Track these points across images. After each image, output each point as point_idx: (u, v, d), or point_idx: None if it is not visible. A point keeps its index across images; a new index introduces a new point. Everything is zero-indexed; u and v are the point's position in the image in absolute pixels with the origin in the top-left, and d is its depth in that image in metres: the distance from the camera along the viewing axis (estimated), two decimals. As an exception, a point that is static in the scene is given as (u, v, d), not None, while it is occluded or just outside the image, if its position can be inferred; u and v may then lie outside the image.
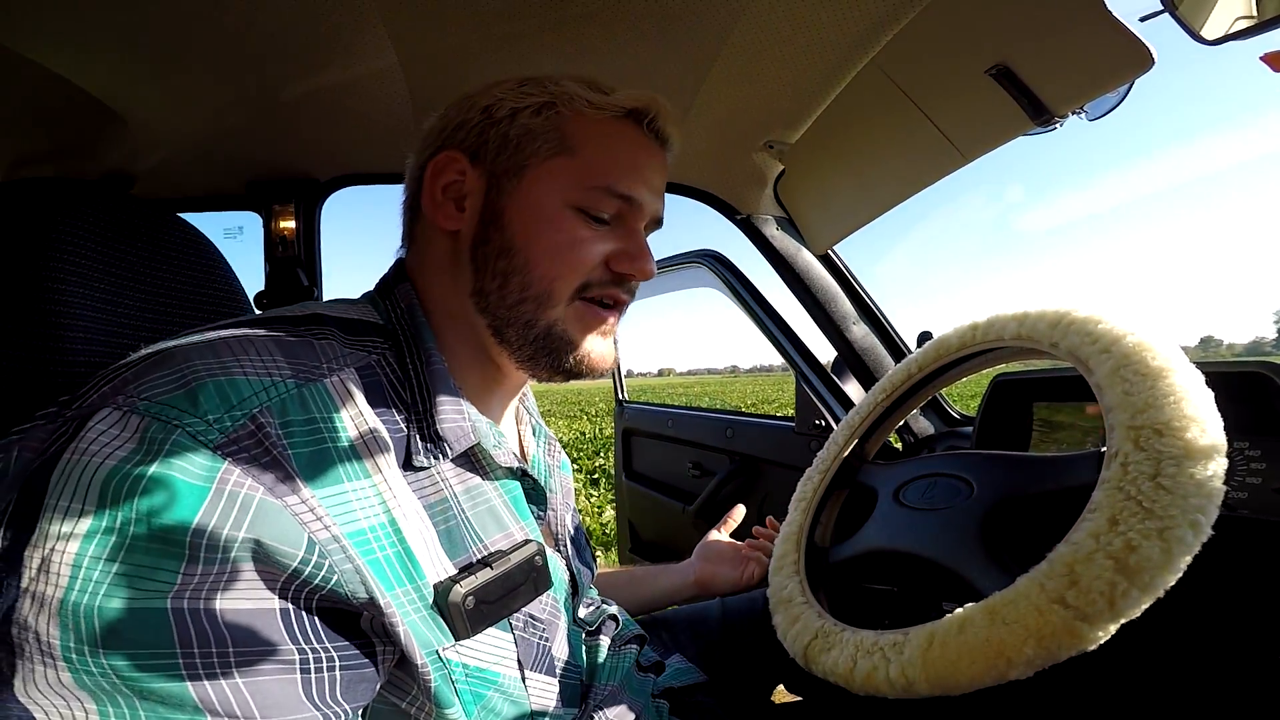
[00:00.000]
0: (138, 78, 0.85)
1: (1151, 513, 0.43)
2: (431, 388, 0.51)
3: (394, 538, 0.44)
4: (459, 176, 0.56)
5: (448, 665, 0.46)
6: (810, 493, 0.79)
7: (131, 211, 0.62)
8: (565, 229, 0.54)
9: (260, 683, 0.37)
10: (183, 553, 0.35)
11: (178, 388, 0.39)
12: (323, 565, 0.39)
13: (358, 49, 0.83)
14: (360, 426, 0.45)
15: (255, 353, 0.43)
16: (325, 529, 0.40)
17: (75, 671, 0.33)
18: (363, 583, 0.41)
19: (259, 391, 0.41)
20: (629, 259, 0.56)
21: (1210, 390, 0.48)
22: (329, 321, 0.51)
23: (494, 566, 0.50)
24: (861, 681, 0.53)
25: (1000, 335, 0.65)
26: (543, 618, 0.55)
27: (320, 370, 0.45)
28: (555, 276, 0.54)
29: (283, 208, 1.23)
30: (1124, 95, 0.80)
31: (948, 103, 0.90)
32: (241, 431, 0.39)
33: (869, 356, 1.38)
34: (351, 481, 0.43)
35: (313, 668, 0.39)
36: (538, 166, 0.55)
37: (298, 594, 0.39)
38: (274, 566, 0.37)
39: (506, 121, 0.55)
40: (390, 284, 0.58)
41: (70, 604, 0.33)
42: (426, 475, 0.50)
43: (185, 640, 0.34)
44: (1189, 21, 0.59)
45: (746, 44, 0.83)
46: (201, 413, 0.38)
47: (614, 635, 0.71)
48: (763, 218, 1.37)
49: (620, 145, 0.57)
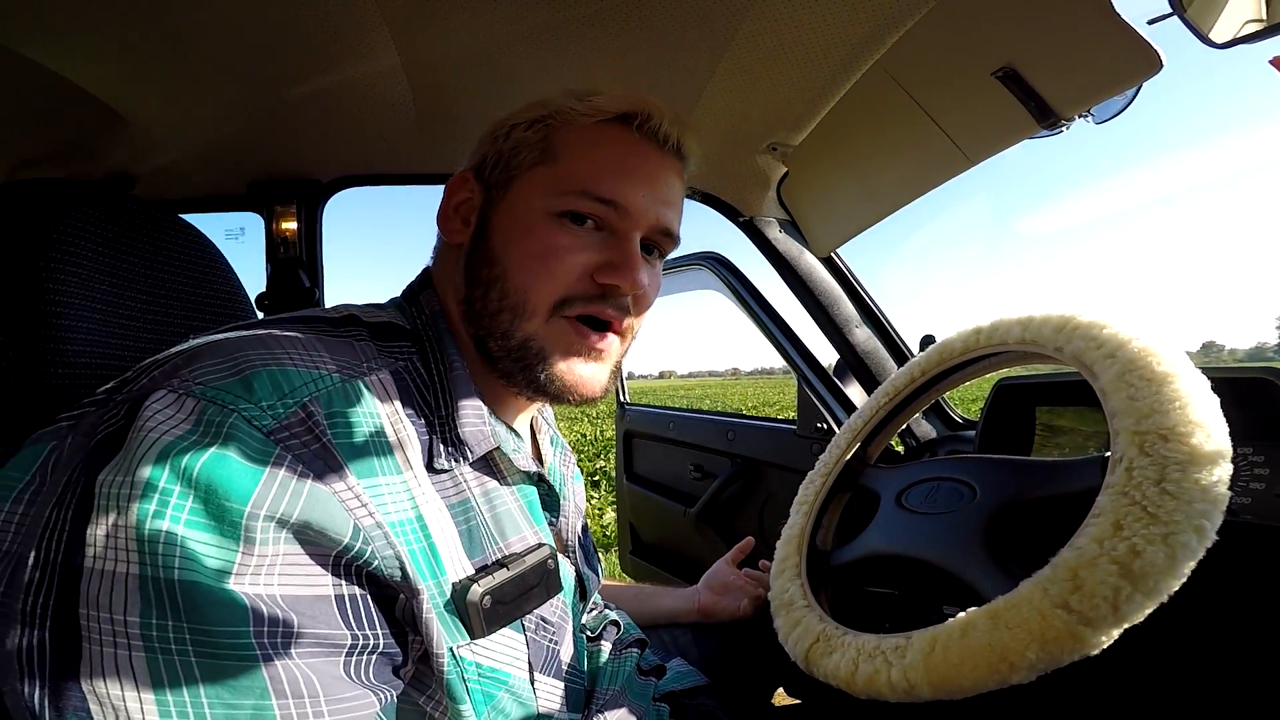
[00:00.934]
0: (139, 79, 0.85)
1: (1156, 518, 0.43)
2: (454, 392, 0.53)
3: (420, 533, 0.45)
4: (469, 195, 0.58)
5: (461, 664, 0.46)
6: (812, 496, 0.78)
7: (133, 212, 0.62)
8: (540, 236, 0.53)
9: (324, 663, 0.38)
10: (240, 533, 0.35)
11: (232, 374, 0.40)
12: (365, 551, 0.40)
13: (360, 50, 0.83)
14: (395, 424, 0.47)
15: (303, 347, 0.45)
16: (370, 515, 0.41)
17: (152, 652, 0.33)
18: (402, 569, 0.42)
19: (309, 382, 0.43)
20: (611, 269, 0.53)
21: (1215, 396, 0.48)
22: (363, 324, 0.53)
23: (510, 568, 0.50)
24: (863, 685, 0.53)
25: (1004, 339, 0.65)
26: (553, 620, 0.56)
27: (361, 369, 0.47)
28: (529, 285, 0.53)
29: (284, 209, 1.23)
30: (1131, 98, 0.80)
31: (953, 105, 0.90)
32: (293, 419, 0.40)
33: (871, 360, 1.37)
34: (386, 475, 0.44)
35: (358, 651, 0.40)
36: (522, 176, 0.55)
37: (348, 576, 0.41)
38: (324, 548, 0.39)
39: (504, 138, 0.57)
40: (416, 292, 0.60)
41: (148, 579, 0.33)
42: (449, 476, 0.51)
43: (258, 619, 0.35)
44: (1197, 24, 0.58)
45: (751, 46, 0.83)
46: (256, 399, 0.39)
47: (615, 640, 0.72)
48: (765, 220, 1.36)
49: (604, 149, 0.55)
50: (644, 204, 0.55)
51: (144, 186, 1.14)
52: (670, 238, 0.59)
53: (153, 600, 0.33)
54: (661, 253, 0.60)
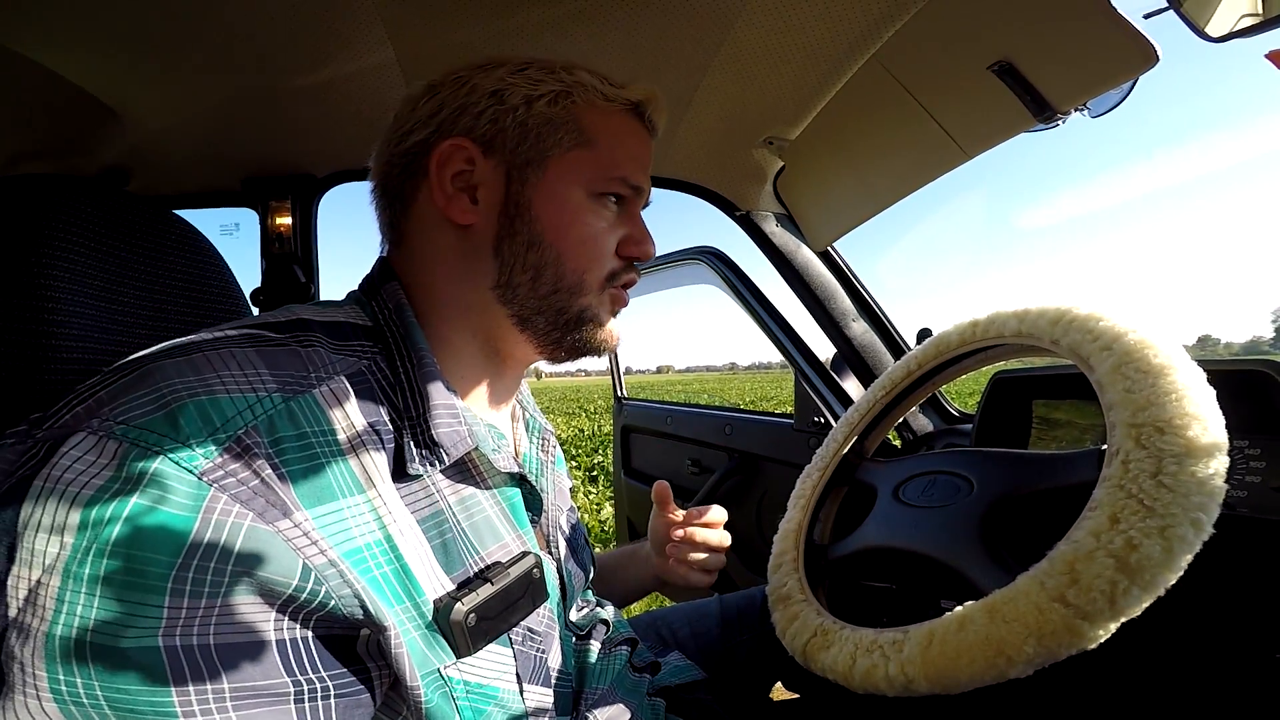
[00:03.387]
0: (133, 74, 0.85)
1: (1153, 511, 0.43)
2: (425, 391, 0.49)
3: (390, 555, 0.43)
4: (468, 166, 0.54)
5: (449, 683, 0.45)
6: (809, 490, 0.79)
7: (126, 208, 0.61)
8: (591, 222, 0.56)
9: (254, 714, 0.36)
10: (169, 587, 0.33)
11: (157, 409, 0.37)
12: (319, 591, 0.38)
13: (354, 44, 0.82)
14: (353, 439, 0.44)
15: (237, 365, 0.41)
16: (321, 553, 0.38)
17: (63, 704, 0.32)
18: (361, 605, 0.39)
19: (243, 410, 0.39)
20: (635, 243, 0.59)
21: (1212, 388, 0.48)
22: (314, 327, 0.49)
23: (494, 582, 0.48)
24: (860, 679, 0.53)
25: (1001, 332, 0.65)
26: (540, 630, 0.54)
27: (308, 380, 0.44)
28: (586, 268, 0.56)
29: (279, 204, 1.22)
30: (1127, 92, 0.79)
31: (949, 99, 0.90)
32: (227, 454, 0.37)
33: (868, 353, 1.37)
34: (346, 498, 0.42)
35: (307, 698, 0.38)
36: (560, 158, 0.55)
37: (293, 621, 0.38)
38: (268, 595, 0.36)
39: (523, 109, 0.54)
40: (376, 283, 0.56)
41: (57, 638, 0.32)
42: (420, 486, 0.48)
43: (179, 678, 0.33)
44: (1194, 18, 0.58)
45: (747, 39, 0.83)
46: (184, 437, 0.36)
47: (604, 639, 0.71)
48: (762, 214, 1.36)
49: (629, 138, 0.59)
50: (649, 186, 0.62)
51: (138, 182, 1.13)
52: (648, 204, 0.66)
53: (59, 658, 0.32)
54: None
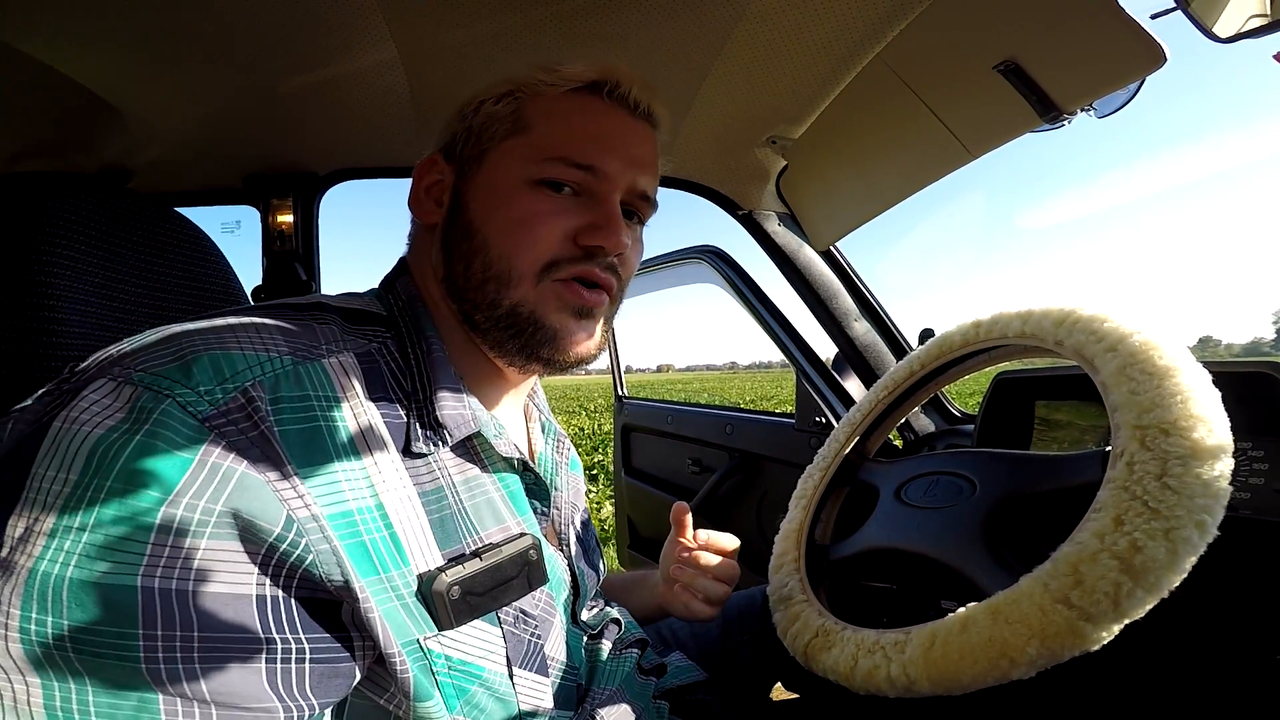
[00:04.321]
0: (135, 72, 0.85)
1: (1157, 513, 0.43)
2: (432, 375, 0.52)
3: (380, 522, 0.44)
4: (440, 176, 0.59)
5: (429, 655, 0.45)
6: (811, 490, 0.78)
7: (128, 206, 0.62)
8: (520, 204, 0.53)
9: (223, 669, 0.36)
10: (156, 524, 0.34)
11: (173, 360, 0.39)
12: (299, 544, 0.38)
13: (356, 42, 0.82)
14: (355, 409, 0.45)
15: (255, 330, 0.44)
16: (305, 507, 0.39)
17: (28, 644, 0.32)
18: (338, 565, 0.40)
19: (253, 366, 0.41)
20: (594, 230, 0.54)
21: (1217, 390, 0.48)
22: (331, 309, 0.52)
23: (483, 558, 0.49)
24: (862, 680, 0.53)
25: (1004, 333, 0.65)
26: (535, 614, 0.54)
27: (319, 350, 0.46)
28: (512, 252, 0.53)
29: (280, 202, 1.22)
30: (1134, 92, 0.79)
31: (954, 98, 0.89)
32: (232, 404, 0.39)
33: (870, 353, 1.37)
34: (342, 461, 0.43)
35: (280, 658, 0.38)
36: (495, 149, 0.56)
37: (275, 575, 0.38)
38: (251, 541, 0.37)
39: (472, 114, 0.57)
40: (393, 279, 0.60)
41: (39, 574, 0.33)
42: (425, 463, 0.49)
43: (150, 621, 0.34)
44: (1201, 19, 0.58)
45: (751, 38, 0.82)
46: (194, 384, 0.38)
47: (615, 639, 0.71)
48: (765, 213, 1.36)
49: (578, 116, 0.56)
50: (620, 167, 0.55)
51: (140, 180, 1.13)
52: (648, 202, 0.60)
53: (35, 596, 0.32)
54: (641, 219, 0.62)
